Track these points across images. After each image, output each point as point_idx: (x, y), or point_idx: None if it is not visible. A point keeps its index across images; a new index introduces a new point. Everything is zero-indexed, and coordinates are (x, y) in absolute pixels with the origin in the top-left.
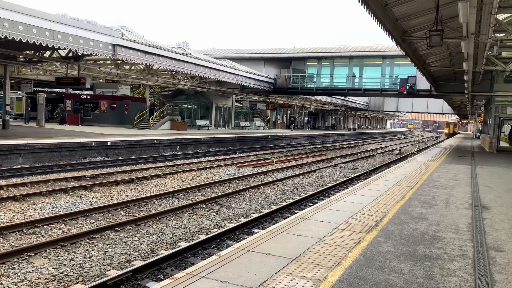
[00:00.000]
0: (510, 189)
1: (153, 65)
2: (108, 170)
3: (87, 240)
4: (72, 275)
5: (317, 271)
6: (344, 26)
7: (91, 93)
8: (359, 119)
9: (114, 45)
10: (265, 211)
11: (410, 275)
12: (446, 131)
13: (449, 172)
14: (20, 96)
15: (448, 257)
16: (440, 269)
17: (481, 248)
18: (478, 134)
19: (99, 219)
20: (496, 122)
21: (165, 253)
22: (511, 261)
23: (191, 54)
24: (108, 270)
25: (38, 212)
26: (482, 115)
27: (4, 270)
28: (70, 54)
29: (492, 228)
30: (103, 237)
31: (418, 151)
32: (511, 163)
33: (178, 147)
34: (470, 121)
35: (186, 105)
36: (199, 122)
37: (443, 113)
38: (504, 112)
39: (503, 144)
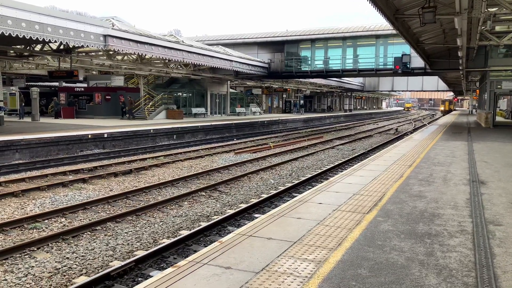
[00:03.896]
0: (507, 164)
1: (145, 55)
2: (106, 162)
3: (89, 233)
4: (75, 268)
5: (319, 252)
6: (337, 7)
7: (85, 85)
8: (355, 100)
9: (105, 36)
10: (264, 195)
11: (410, 252)
12: (442, 108)
13: (446, 149)
14: (14, 92)
15: (447, 234)
16: (440, 245)
17: (480, 223)
18: (474, 110)
19: (100, 211)
20: (492, 97)
21: (166, 242)
22: (510, 234)
23: (183, 42)
24: (111, 261)
25: (38, 207)
26: (477, 90)
27: (7, 265)
28: (61, 47)
29: (490, 202)
30: (104, 228)
31: (415, 130)
32: (507, 137)
33: (175, 136)
34: (466, 97)
35: (180, 94)
36: (194, 110)
37: (438, 91)
38: (499, 86)
39: (499, 118)
